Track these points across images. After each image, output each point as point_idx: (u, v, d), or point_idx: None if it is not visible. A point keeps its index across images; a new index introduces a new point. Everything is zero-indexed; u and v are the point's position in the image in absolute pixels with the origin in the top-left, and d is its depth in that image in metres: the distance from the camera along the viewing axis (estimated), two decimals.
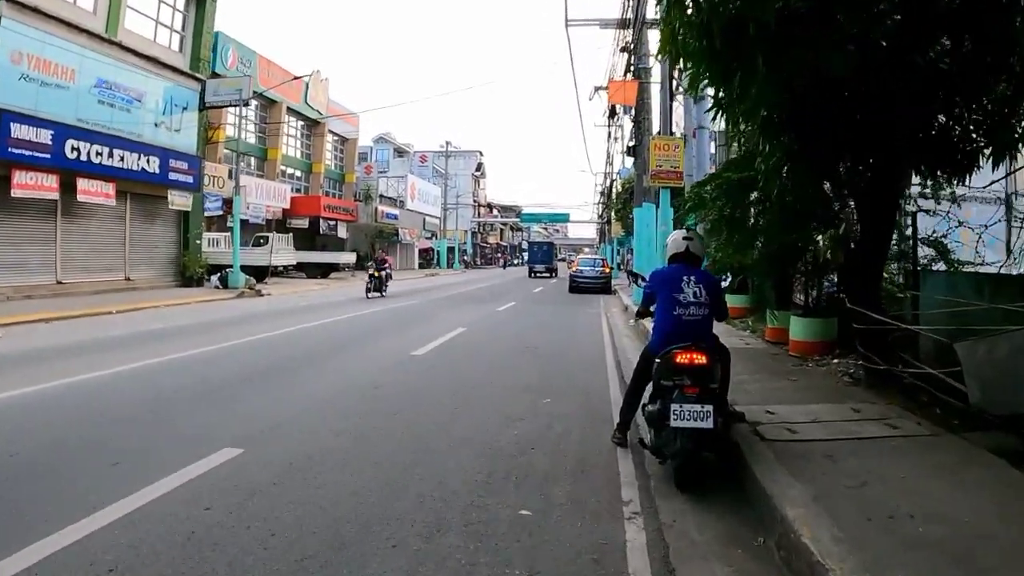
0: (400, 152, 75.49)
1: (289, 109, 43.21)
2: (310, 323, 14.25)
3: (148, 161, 23.70)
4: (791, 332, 9.42)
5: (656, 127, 16.24)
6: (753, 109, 5.83)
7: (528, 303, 21.52)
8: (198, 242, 27.87)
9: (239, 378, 8.14)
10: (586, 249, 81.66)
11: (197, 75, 26.77)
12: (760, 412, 5.90)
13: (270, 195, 38.60)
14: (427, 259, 64.56)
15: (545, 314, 17.41)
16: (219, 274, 25.88)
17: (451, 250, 67.54)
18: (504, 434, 5.75)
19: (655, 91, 16.67)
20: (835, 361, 8.68)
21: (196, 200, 27.31)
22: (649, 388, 4.98)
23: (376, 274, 22.73)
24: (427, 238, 63.09)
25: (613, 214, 42.63)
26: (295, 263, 33.00)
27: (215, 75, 28.85)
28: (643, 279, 6.07)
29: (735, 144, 11.00)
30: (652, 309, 5.19)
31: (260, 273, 30.09)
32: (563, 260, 77.54)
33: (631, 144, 17.73)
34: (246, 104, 27.99)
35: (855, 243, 7.86)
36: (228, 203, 35.04)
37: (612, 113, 21.07)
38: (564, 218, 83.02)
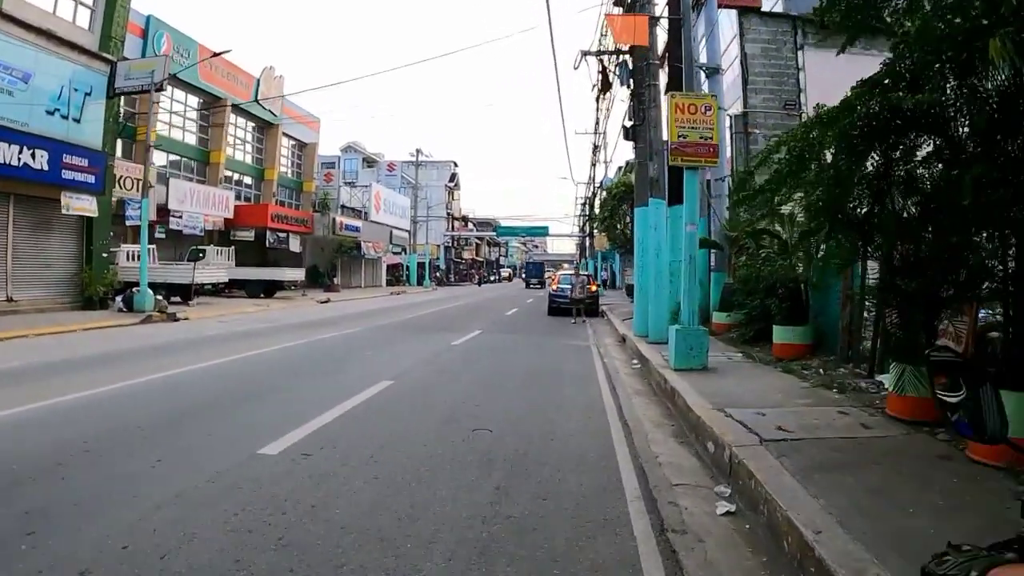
0: (370, 162, 71.39)
1: (236, 107, 38.88)
2: (192, 365, 10.20)
3: (34, 156, 19.29)
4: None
5: (661, 93, 12.24)
6: None
7: (497, 332, 17.26)
8: (105, 256, 23.26)
9: None
10: (566, 265, 77.75)
11: (106, 56, 22.28)
12: None
13: (210, 202, 34.22)
14: (396, 276, 60.06)
15: (516, 351, 13.13)
16: (124, 294, 21.32)
17: (422, 266, 62.99)
18: None
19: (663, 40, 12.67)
20: None
21: (103, 205, 22.73)
22: None
23: None
24: (396, 253, 58.61)
25: (597, 225, 38.49)
26: (226, 280, 28.39)
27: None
28: None
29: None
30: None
31: (187, 292, 25.77)
32: (549, 275, 73.91)
33: (629, 124, 13.60)
34: (160, 89, 23.50)
35: None
36: (158, 211, 30.79)
37: (604, 85, 16.91)
38: (543, 231, 78.86)
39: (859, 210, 5.77)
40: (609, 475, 5.15)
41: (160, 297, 21.65)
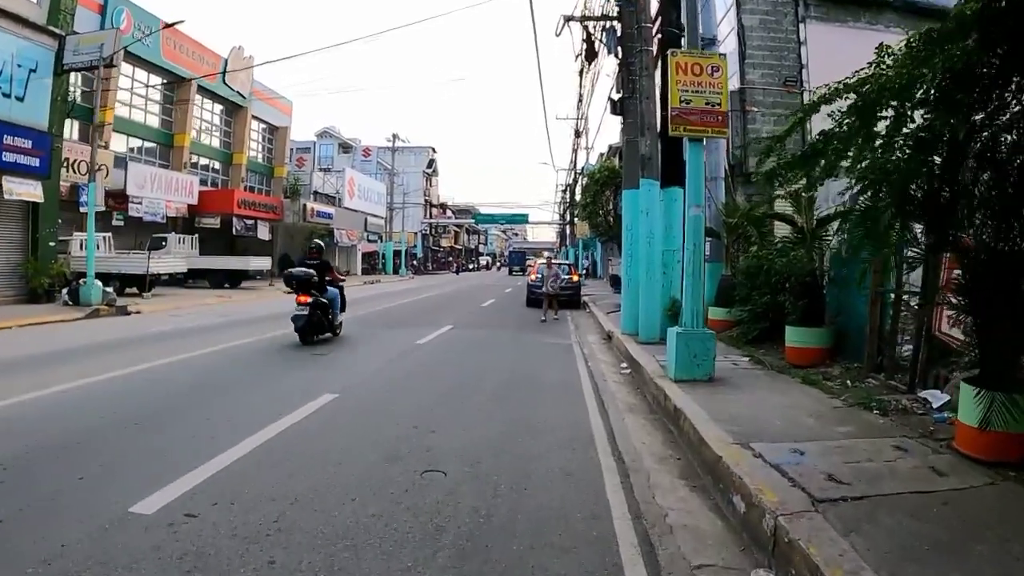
0: (346, 148, 69.42)
1: (202, 89, 36.98)
2: (109, 373, 8.69)
3: None
4: None
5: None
6: None
7: (470, 327, 15.73)
8: (52, 244, 21.49)
9: None
10: (546, 253, 76.14)
11: (54, 30, 20.43)
12: None
13: (172, 188, 32.40)
14: (372, 264, 58.26)
15: (488, 352, 11.61)
16: (70, 287, 19.58)
17: (398, 254, 61.17)
18: None
19: None
20: None
21: (50, 190, 20.96)
22: None
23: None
24: (371, 241, 56.81)
25: (578, 212, 36.95)
26: (185, 270, 26.65)
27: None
28: None
29: None
30: None
31: (143, 283, 24.05)
32: (530, 263, 72.43)
33: (617, 97, 12.11)
34: (110, 64, 21.70)
35: None
36: (114, 196, 28.96)
37: (589, 53, 15.31)
38: (523, 219, 77.16)
39: (944, 185, 4.30)
40: (603, 552, 3.68)
41: (110, 289, 19.93)
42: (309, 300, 11.51)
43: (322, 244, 13.23)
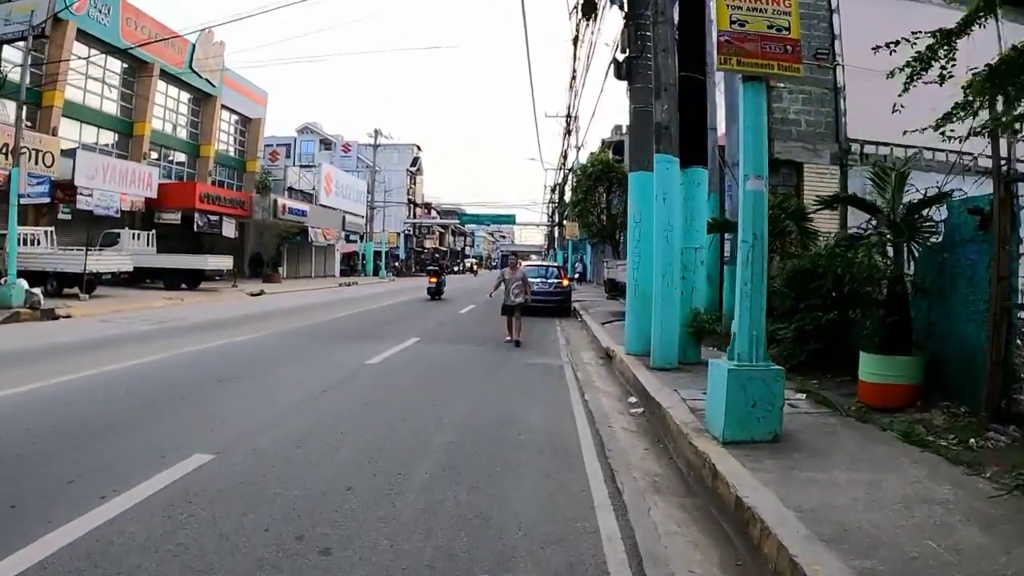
0: (327, 144, 66.84)
1: (167, 75, 34.28)
2: None
3: None
4: None
5: None
6: None
7: (438, 341, 13.06)
8: None
9: None
10: (533, 256, 73.42)
11: None
12: None
13: (128, 180, 29.69)
14: (351, 265, 55.42)
15: (453, 378, 8.94)
16: None
17: (379, 255, 58.22)
18: None
19: None
20: None
21: None
22: None
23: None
24: (351, 240, 54.01)
25: (568, 210, 34.40)
26: (130, 269, 23.94)
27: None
28: None
29: None
30: None
31: (90, 284, 21.41)
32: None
33: (622, 58, 9.61)
34: (39, 36, 19.02)
35: None
36: (62, 187, 26.23)
37: (587, 7, 12.72)
38: (510, 219, 74.42)
39: None
40: None
41: (35, 290, 17.28)
42: (435, 280, 25.74)
43: (439, 257, 21.05)
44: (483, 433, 6.05)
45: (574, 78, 24.13)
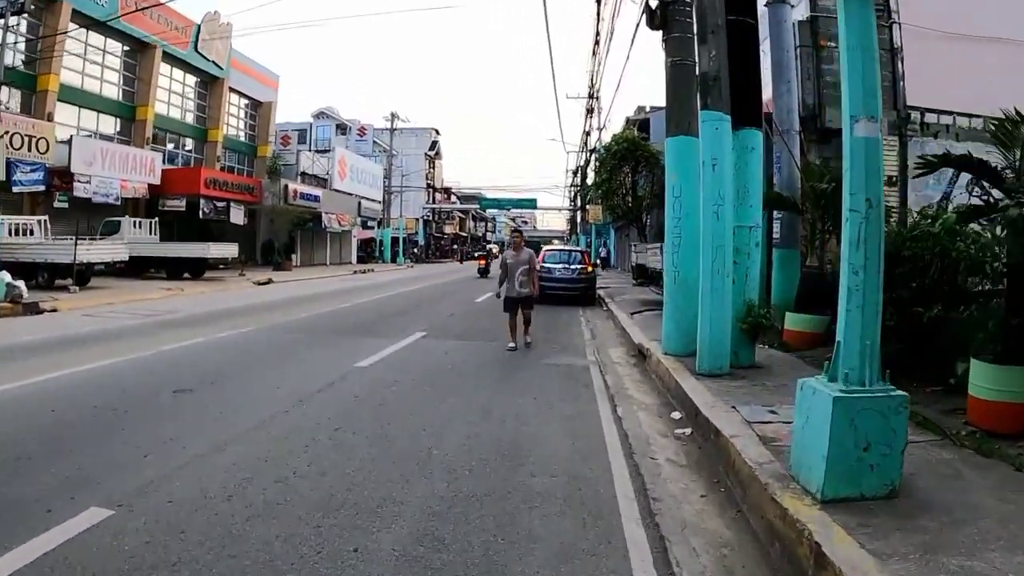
0: (343, 129, 65.35)
1: (171, 57, 33.00)
2: None
3: None
4: None
5: None
6: None
7: (445, 336, 11.52)
8: None
9: None
10: (555, 241, 71.64)
11: None
12: None
13: (129, 166, 28.44)
14: (369, 252, 54.01)
15: (454, 386, 7.45)
16: None
17: (397, 241, 56.80)
18: None
19: None
20: None
21: None
22: None
23: None
24: (368, 227, 52.63)
25: (591, 192, 32.76)
26: (125, 258, 22.74)
27: None
28: None
29: None
30: None
31: (82, 275, 20.32)
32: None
33: (655, 3, 7.97)
34: (19, 11, 17.76)
35: None
36: (58, 175, 25.07)
37: None
38: (531, 204, 72.39)
39: None
40: None
41: (18, 283, 16.06)
42: (484, 262, 34.12)
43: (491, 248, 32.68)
44: (483, 476, 4.54)
45: (597, 43, 22.38)
